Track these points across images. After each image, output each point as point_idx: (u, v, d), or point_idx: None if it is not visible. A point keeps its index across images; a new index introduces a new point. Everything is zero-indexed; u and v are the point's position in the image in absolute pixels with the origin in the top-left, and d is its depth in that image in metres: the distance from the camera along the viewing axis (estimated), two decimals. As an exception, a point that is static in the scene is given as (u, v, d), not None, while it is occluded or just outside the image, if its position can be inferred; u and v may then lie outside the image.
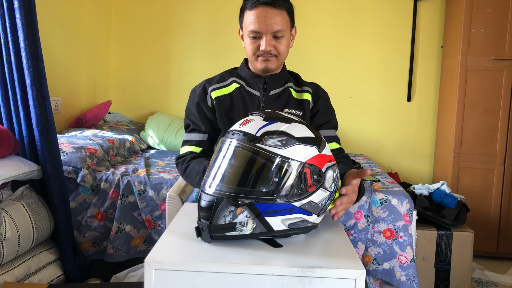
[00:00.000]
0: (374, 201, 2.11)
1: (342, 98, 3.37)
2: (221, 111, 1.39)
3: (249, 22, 1.33)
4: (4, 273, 1.70)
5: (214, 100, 1.41)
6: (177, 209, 1.38)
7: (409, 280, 2.03)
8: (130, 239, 2.16)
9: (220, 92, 1.42)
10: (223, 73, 1.48)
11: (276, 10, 1.31)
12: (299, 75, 1.52)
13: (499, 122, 2.85)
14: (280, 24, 1.32)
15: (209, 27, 3.42)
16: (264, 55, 1.35)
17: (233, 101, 1.41)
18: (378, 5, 3.31)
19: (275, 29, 1.32)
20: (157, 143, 3.06)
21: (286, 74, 1.47)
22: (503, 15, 2.79)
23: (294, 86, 1.46)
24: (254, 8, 1.31)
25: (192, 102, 1.44)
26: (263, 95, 1.42)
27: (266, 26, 1.30)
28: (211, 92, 1.42)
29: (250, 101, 1.41)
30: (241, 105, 1.40)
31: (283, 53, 1.38)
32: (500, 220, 2.88)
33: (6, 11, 1.81)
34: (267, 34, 1.32)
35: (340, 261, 0.89)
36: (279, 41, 1.34)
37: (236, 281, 0.83)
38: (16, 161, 1.84)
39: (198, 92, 1.43)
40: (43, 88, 1.88)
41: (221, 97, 1.41)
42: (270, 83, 1.43)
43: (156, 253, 0.87)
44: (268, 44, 1.32)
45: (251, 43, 1.35)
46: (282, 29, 1.33)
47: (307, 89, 1.47)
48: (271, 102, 1.42)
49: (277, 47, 1.35)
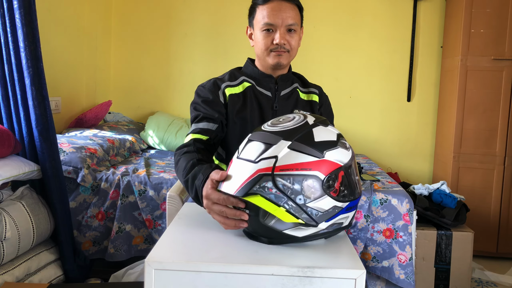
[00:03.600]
0: (374, 201, 2.11)
1: (342, 98, 3.37)
2: (233, 109, 1.37)
3: (263, 16, 1.32)
4: (4, 273, 1.70)
5: (228, 97, 1.38)
6: (177, 209, 1.38)
7: (408, 278, 2.04)
8: (130, 238, 2.17)
9: (233, 90, 1.39)
10: (231, 71, 1.46)
11: (290, 4, 1.33)
12: (303, 76, 1.52)
13: (499, 122, 2.85)
14: (294, 18, 1.33)
15: (209, 27, 3.42)
16: (277, 49, 1.33)
17: (246, 100, 1.39)
18: (378, 5, 3.31)
19: (290, 22, 1.32)
20: (157, 143, 3.06)
21: (291, 75, 1.47)
22: (503, 15, 2.79)
23: (300, 87, 1.46)
24: (268, 2, 1.32)
25: (202, 95, 1.38)
26: (274, 95, 1.41)
27: (281, 19, 1.31)
28: (225, 89, 1.38)
29: (263, 101, 1.40)
30: (255, 105, 1.39)
31: (295, 49, 1.37)
32: (500, 220, 2.88)
33: (6, 11, 1.81)
34: (282, 27, 1.32)
35: (340, 261, 0.89)
36: (292, 35, 1.34)
37: (236, 281, 0.83)
38: (16, 161, 1.84)
39: (208, 87, 1.39)
40: (42, 88, 1.88)
41: (234, 95, 1.38)
42: (281, 83, 1.42)
43: (156, 253, 0.87)
44: (282, 38, 1.32)
45: (264, 37, 1.34)
46: (296, 23, 1.33)
47: (314, 91, 1.47)
48: (283, 103, 1.41)
49: (290, 41, 1.34)
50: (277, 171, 0.89)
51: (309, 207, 0.90)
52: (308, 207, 0.90)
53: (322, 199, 0.90)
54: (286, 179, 0.89)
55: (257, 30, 1.36)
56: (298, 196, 0.89)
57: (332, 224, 0.95)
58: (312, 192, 0.89)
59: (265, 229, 0.93)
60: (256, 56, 1.44)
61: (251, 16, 1.39)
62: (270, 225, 0.92)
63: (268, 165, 0.90)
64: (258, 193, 0.89)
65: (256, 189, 0.89)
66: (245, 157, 0.94)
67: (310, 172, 0.89)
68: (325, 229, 0.94)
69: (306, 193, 0.89)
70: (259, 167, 0.90)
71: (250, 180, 0.90)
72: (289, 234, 0.92)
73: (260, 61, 1.42)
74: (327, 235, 0.97)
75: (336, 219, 0.95)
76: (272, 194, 0.89)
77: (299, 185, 0.89)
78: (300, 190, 0.89)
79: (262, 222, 0.92)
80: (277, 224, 0.91)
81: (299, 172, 0.89)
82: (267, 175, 0.89)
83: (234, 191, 0.91)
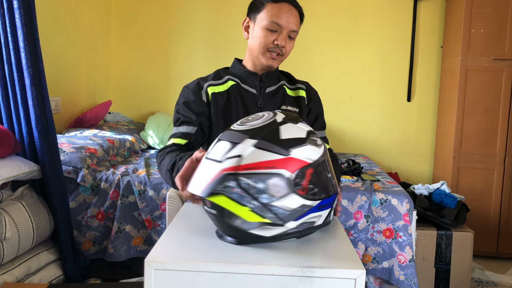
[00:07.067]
0: (374, 201, 2.11)
1: (342, 98, 3.37)
2: (217, 108, 1.39)
3: (273, 14, 1.33)
4: (4, 273, 1.70)
5: (211, 96, 1.39)
6: (177, 209, 1.38)
7: (408, 280, 2.03)
8: (130, 239, 2.17)
9: (216, 89, 1.41)
10: (217, 71, 1.48)
11: (296, 11, 1.35)
12: (290, 74, 1.53)
13: (499, 122, 2.85)
14: (297, 25, 1.35)
15: (209, 27, 3.42)
16: (274, 50, 1.35)
17: (230, 98, 1.40)
18: (378, 5, 3.31)
19: (294, 28, 1.34)
20: (157, 143, 3.06)
21: (278, 73, 1.48)
22: (503, 15, 2.79)
23: (288, 84, 1.48)
24: (281, 3, 1.33)
25: (184, 96, 1.41)
26: (259, 92, 1.42)
27: (288, 23, 1.33)
28: (207, 88, 1.40)
29: (247, 99, 1.41)
30: (239, 102, 1.40)
31: (287, 55, 1.40)
32: (500, 220, 2.88)
33: (6, 11, 1.81)
34: (286, 30, 1.33)
35: (340, 261, 0.89)
36: (290, 42, 1.36)
37: (236, 281, 0.83)
38: (16, 161, 1.84)
39: (191, 87, 1.41)
40: (42, 88, 1.88)
41: (217, 93, 1.40)
42: (266, 81, 1.43)
43: (156, 253, 0.86)
44: (285, 41, 1.34)
45: (266, 35, 1.34)
46: (297, 31, 1.36)
47: (301, 86, 1.48)
48: (268, 100, 1.42)
49: (287, 47, 1.36)
50: (241, 170, 0.87)
51: (275, 206, 0.88)
52: (274, 206, 0.88)
53: (288, 198, 0.88)
54: (250, 178, 0.87)
55: (259, 26, 1.36)
56: (262, 195, 0.87)
57: (302, 223, 0.92)
58: (277, 191, 0.87)
59: (231, 229, 0.92)
60: (247, 50, 1.43)
61: (257, 10, 1.38)
62: (235, 225, 0.90)
63: (232, 164, 0.88)
64: (222, 193, 0.87)
65: (220, 189, 0.87)
66: (212, 157, 0.92)
67: (275, 170, 0.87)
68: (295, 228, 0.92)
69: (270, 191, 0.87)
70: (224, 167, 0.88)
71: (215, 180, 0.88)
72: (256, 234, 0.91)
73: (251, 56, 1.42)
74: (297, 234, 0.94)
75: (306, 218, 0.92)
76: (236, 193, 0.87)
77: (263, 183, 0.87)
78: (264, 189, 0.87)
79: (228, 222, 0.91)
80: (242, 224, 0.90)
81: (264, 170, 0.87)
82: (230, 174, 0.87)
83: (200, 192, 0.90)
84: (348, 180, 2.31)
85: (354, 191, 2.13)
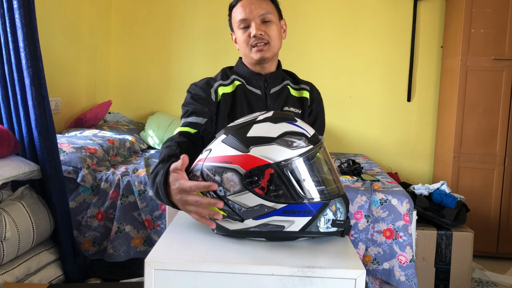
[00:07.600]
0: (374, 201, 2.11)
1: (342, 98, 3.37)
2: (225, 108, 1.38)
3: (237, 14, 1.36)
4: (4, 273, 1.70)
5: (220, 96, 1.38)
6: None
7: (408, 280, 2.03)
8: (129, 239, 2.16)
9: (225, 89, 1.40)
10: (223, 70, 1.47)
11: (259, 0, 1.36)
12: (295, 74, 1.52)
13: (499, 122, 2.85)
14: (266, 8, 1.35)
15: (209, 27, 3.42)
16: (257, 41, 1.34)
17: (236, 99, 1.39)
18: (378, 5, 3.31)
19: (261, 13, 1.34)
20: (157, 143, 3.06)
21: (282, 72, 1.48)
22: (503, 15, 2.79)
23: (292, 84, 1.47)
24: (239, 1, 1.36)
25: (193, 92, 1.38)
26: (264, 93, 1.42)
27: (251, 12, 1.34)
28: (218, 88, 1.39)
29: (252, 100, 1.40)
30: (245, 104, 1.39)
31: (274, 38, 1.37)
32: (500, 220, 2.88)
33: (6, 11, 1.81)
34: (255, 19, 1.34)
35: (340, 261, 0.89)
36: (268, 26, 1.35)
37: (236, 281, 0.83)
38: (16, 161, 1.84)
39: (200, 85, 1.39)
40: (42, 88, 1.88)
41: (226, 94, 1.39)
42: (270, 81, 1.43)
43: (156, 253, 0.87)
44: (258, 29, 1.33)
45: (242, 34, 1.36)
46: (268, 12, 1.35)
47: (305, 87, 1.47)
48: (273, 101, 1.42)
49: (268, 32, 1.35)
50: (207, 162, 0.95)
51: (230, 200, 0.92)
52: (229, 199, 0.92)
53: (243, 194, 0.91)
54: (210, 169, 0.94)
55: (236, 31, 1.39)
56: (219, 188, 0.92)
57: (264, 224, 0.92)
58: (231, 185, 0.91)
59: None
60: (243, 57, 1.45)
61: (230, 21, 1.42)
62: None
63: (203, 156, 0.98)
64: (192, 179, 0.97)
65: (190, 176, 0.98)
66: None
67: (230, 166, 0.92)
68: (256, 228, 0.92)
69: (225, 185, 0.92)
70: (200, 157, 0.98)
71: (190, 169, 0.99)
72: (220, 224, 0.96)
73: (247, 59, 1.43)
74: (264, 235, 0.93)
75: (269, 219, 0.91)
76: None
77: (219, 176, 0.92)
78: (219, 181, 0.92)
79: None
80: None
81: (222, 164, 0.93)
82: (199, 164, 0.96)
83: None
84: (348, 180, 2.31)
85: (354, 191, 2.13)
